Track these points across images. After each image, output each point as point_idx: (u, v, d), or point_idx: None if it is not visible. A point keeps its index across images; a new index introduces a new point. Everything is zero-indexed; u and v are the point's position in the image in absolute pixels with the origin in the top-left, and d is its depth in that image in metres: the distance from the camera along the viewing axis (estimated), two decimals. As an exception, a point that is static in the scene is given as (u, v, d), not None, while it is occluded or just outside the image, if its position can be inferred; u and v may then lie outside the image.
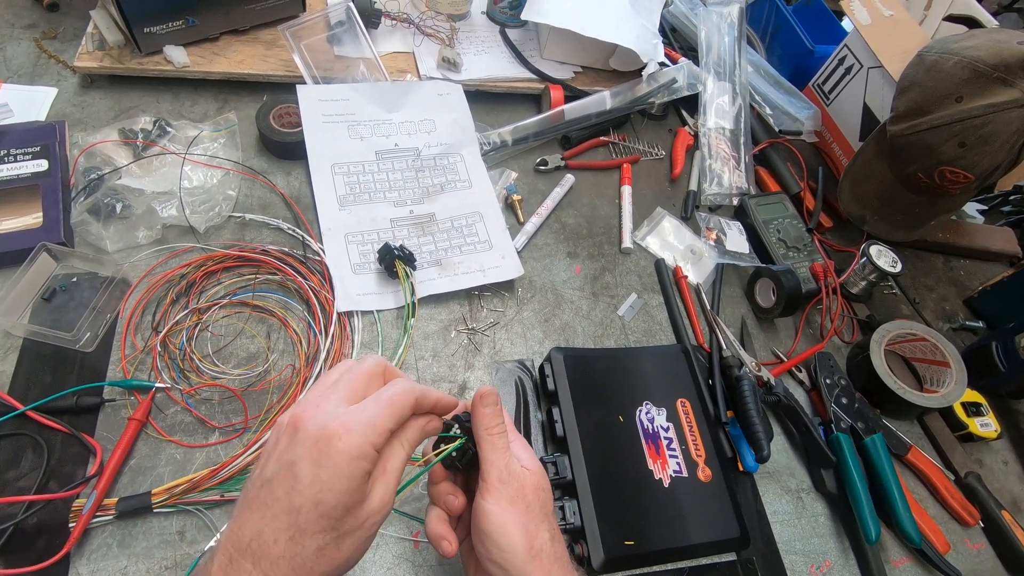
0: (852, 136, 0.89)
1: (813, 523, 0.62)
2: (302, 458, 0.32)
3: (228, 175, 0.67)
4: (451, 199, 0.73)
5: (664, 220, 0.80)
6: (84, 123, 0.70)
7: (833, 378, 0.69)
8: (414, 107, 0.78)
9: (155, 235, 0.63)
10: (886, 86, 0.80)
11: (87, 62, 0.71)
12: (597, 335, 0.69)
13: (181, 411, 0.55)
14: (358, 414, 0.34)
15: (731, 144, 0.87)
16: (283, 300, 0.62)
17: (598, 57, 0.88)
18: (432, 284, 0.66)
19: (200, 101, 0.75)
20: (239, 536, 0.32)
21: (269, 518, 0.32)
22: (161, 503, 0.49)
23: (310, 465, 0.32)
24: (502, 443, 0.40)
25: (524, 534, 0.38)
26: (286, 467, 0.32)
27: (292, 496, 0.32)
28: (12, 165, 0.61)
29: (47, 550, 0.46)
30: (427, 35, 0.84)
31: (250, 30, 0.79)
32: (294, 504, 0.32)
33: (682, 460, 0.59)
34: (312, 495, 0.32)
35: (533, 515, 0.39)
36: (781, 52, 1.02)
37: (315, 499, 0.32)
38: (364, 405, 0.35)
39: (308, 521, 0.32)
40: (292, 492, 0.32)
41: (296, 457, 0.32)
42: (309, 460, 0.32)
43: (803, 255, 0.78)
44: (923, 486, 0.68)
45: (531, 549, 0.38)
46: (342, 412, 0.34)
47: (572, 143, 0.84)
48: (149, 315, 0.59)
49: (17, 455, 0.50)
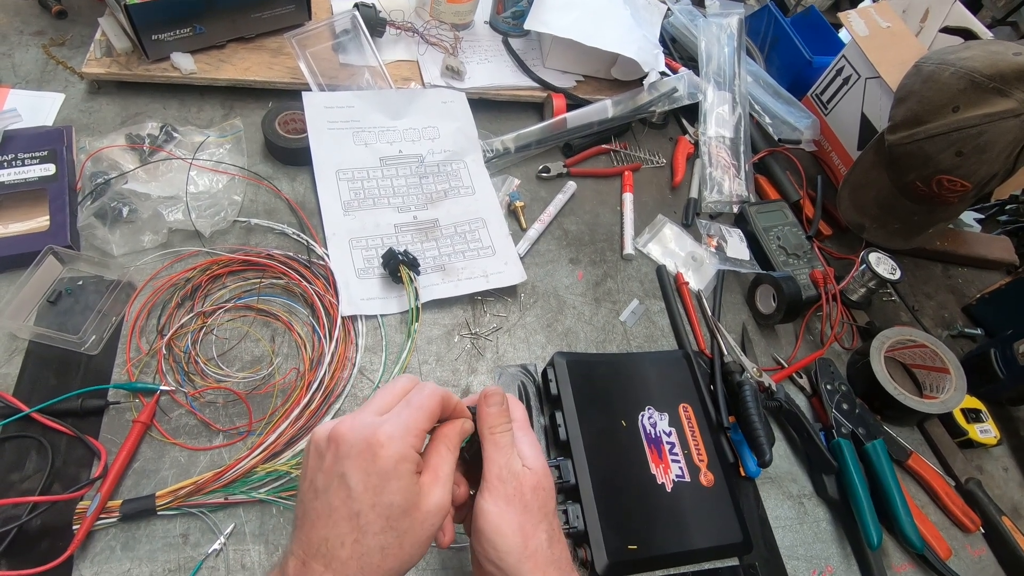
0: (850, 145, 0.90)
1: (815, 528, 0.62)
2: (351, 469, 0.34)
3: (233, 180, 0.68)
4: (454, 205, 0.74)
5: (665, 227, 0.80)
6: (91, 128, 0.70)
7: (834, 384, 0.69)
8: (418, 114, 0.78)
9: (161, 239, 0.63)
10: (884, 96, 0.82)
11: (95, 68, 0.72)
12: (599, 340, 0.69)
13: (185, 414, 0.55)
14: (394, 420, 0.36)
15: (731, 152, 0.88)
16: (288, 304, 0.63)
17: (600, 67, 0.90)
18: (435, 289, 0.66)
19: (206, 107, 0.76)
20: (308, 542, 0.35)
21: (331, 525, 0.34)
22: (165, 505, 0.49)
23: (360, 474, 0.34)
24: (505, 441, 0.41)
25: (519, 534, 0.38)
26: (338, 479, 0.35)
27: (350, 504, 0.34)
28: (20, 169, 0.62)
29: (51, 552, 0.46)
30: (431, 44, 0.85)
31: (256, 38, 0.80)
32: (353, 510, 0.34)
33: (684, 465, 0.59)
34: (368, 500, 0.34)
35: (531, 515, 0.39)
36: (780, 63, 1.03)
37: (372, 503, 0.34)
38: (397, 411, 0.37)
39: (368, 523, 0.34)
40: (348, 500, 0.34)
41: (345, 469, 0.34)
42: (358, 470, 0.34)
43: (803, 262, 0.79)
44: (924, 492, 0.68)
45: (525, 549, 0.38)
46: (378, 421, 0.36)
47: (574, 151, 0.85)
48: (154, 318, 0.59)
49: (21, 457, 0.50)
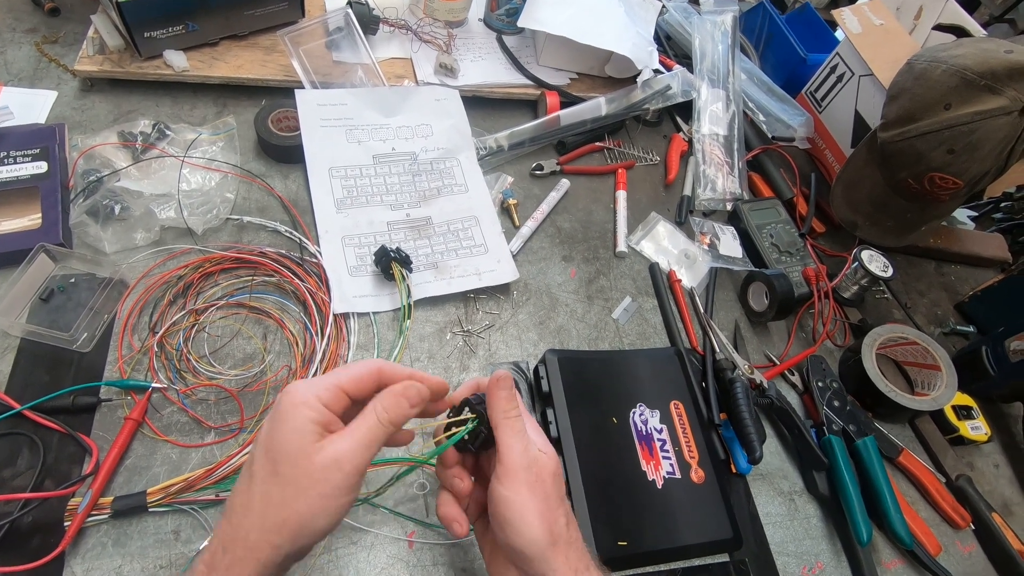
0: (844, 142, 0.90)
1: (805, 525, 0.62)
2: (264, 423, 0.36)
3: (226, 178, 0.68)
4: (447, 203, 0.74)
5: (658, 225, 0.80)
6: (84, 126, 0.70)
7: (825, 381, 0.69)
8: (411, 112, 0.78)
9: (153, 237, 0.63)
10: (877, 93, 0.82)
11: (87, 66, 0.71)
12: (592, 338, 0.69)
13: (177, 411, 0.55)
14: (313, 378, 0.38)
15: (725, 150, 0.88)
16: (280, 302, 0.63)
17: (594, 64, 0.90)
18: (428, 287, 0.67)
19: (199, 105, 0.76)
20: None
21: (239, 479, 0.36)
22: (156, 502, 0.49)
23: (265, 424, 0.36)
24: (519, 427, 0.40)
25: (543, 521, 0.38)
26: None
27: (250, 453, 0.36)
28: (12, 167, 0.62)
29: (42, 548, 0.46)
30: (425, 41, 0.85)
31: (249, 35, 0.80)
32: (250, 458, 0.36)
33: (675, 461, 0.59)
34: (262, 445, 0.35)
35: (550, 501, 0.39)
36: (774, 60, 1.03)
37: (264, 447, 0.35)
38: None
39: (257, 470, 0.34)
40: (251, 449, 0.36)
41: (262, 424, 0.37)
42: (266, 421, 0.36)
43: (796, 260, 0.79)
44: (914, 489, 0.68)
45: (551, 535, 0.38)
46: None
47: (568, 148, 0.85)
48: (146, 316, 0.59)
49: (13, 454, 0.50)
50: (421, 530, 0.53)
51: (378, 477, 0.54)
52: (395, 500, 0.54)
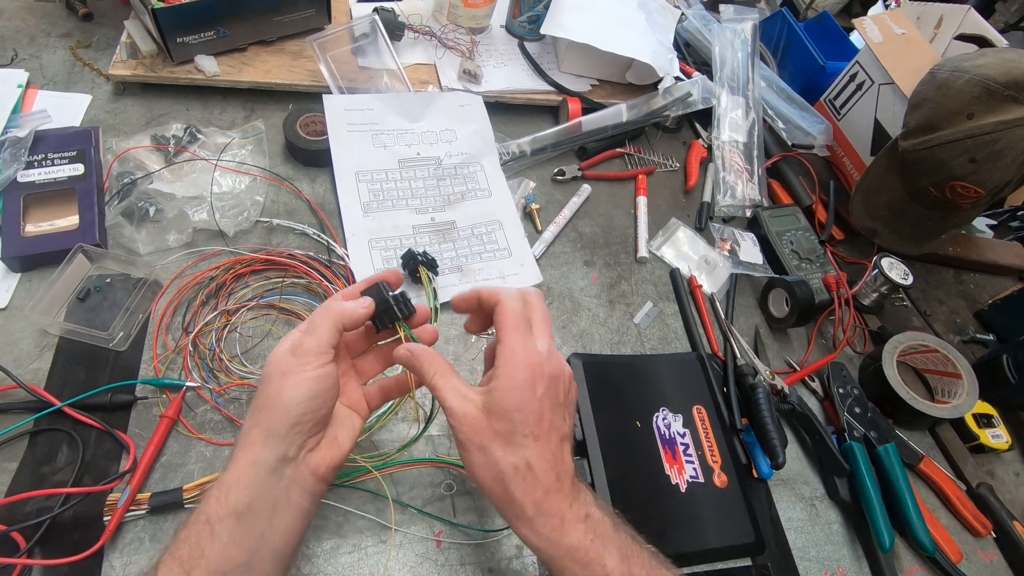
0: (863, 150, 0.90)
1: (826, 530, 0.63)
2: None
3: (255, 181, 0.69)
4: (471, 207, 0.75)
5: (679, 230, 0.81)
6: (117, 129, 0.72)
7: (846, 388, 0.70)
8: (436, 117, 0.80)
9: (186, 238, 0.64)
10: (897, 102, 0.82)
11: (120, 70, 0.73)
12: (614, 342, 0.70)
13: (210, 410, 0.56)
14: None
15: (744, 157, 0.89)
16: (309, 303, 0.64)
17: (615, 71, 0.90)
18: (453, 290, 0.68)
19: (228, 109, 0.77)
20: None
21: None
22: (192, 499, 0.50)
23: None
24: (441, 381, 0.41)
25: (490, 474, 0.38)
26: None
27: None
28: (50, 169, 0.63)
29: (82, 543, 0.47)
30: (448, 47, 0.87)
31: (277, 41, 0.81)
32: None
33: (698, 466, 0.60)
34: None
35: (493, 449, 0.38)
36: (792, 67, 1.04)
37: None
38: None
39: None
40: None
41: None
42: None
43: (815, 266, 0.79)
44: (935, 496, 0.69)
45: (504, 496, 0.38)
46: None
47: (589, 154, 0.85)
48: (180, 316, 0.60)
49: (53, 450, 0.51)
50: (449, 530, 0.54)
51: (407, 478, 0.55)
52: (423, 500, 0.55)
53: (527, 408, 0.38)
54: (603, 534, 0.38)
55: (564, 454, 0.40)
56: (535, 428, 0.38)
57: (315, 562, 0.50)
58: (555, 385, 0.39)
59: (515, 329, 0.40)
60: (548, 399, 0.39)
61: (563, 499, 0.38)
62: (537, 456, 0.38)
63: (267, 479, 0.38)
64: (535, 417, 0.38)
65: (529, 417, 0.38)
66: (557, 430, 0.39)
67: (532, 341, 0.40)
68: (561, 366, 0.41)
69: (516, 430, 0.38)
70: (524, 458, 0.38)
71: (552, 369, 0.39)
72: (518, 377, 0.38)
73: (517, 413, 0.38)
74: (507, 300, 0.41)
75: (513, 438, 0.38)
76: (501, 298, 0.41)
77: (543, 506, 0.38)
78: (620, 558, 0.38)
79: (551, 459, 0.38)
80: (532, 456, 0.38)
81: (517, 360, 0.38)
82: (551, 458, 0.38)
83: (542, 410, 0.38)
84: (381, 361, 0.49)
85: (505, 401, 0.38)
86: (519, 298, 0.41)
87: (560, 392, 0.40)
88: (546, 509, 0.38)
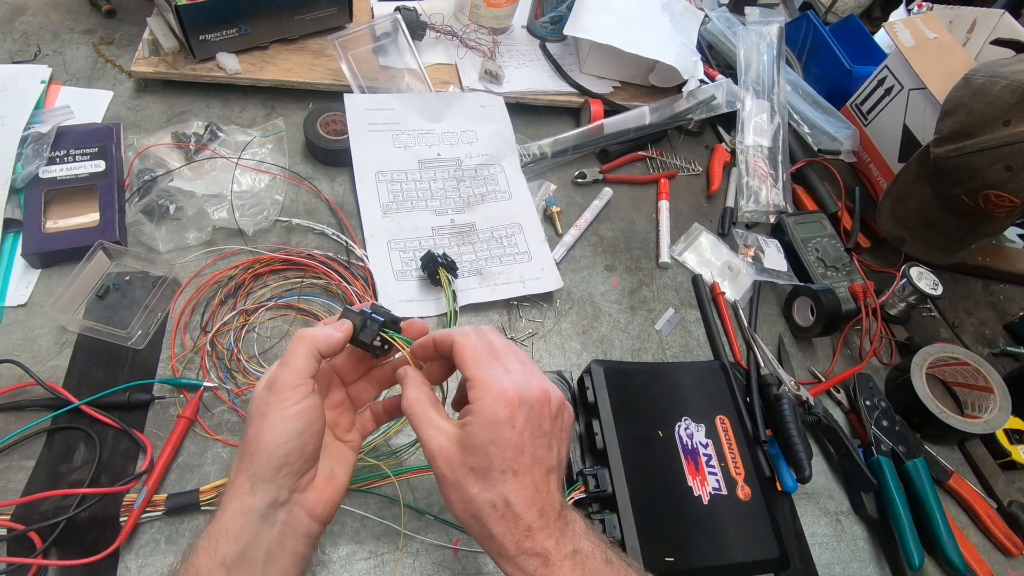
0: (891, 157, 0.88)
1: (852, 547, 0.61)
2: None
3: (275, 180, 0.69)
4: (491, 209, 0.74)
5: (701, 236, 0.80)
6: (138, 126, 0.72)
7: (873, 400, 0.68)
8: (456, 118, 0.79)
9: (205, 237, 0.64)
10: (928, 108, 0.80)
11: (142, 67, 0.73)
12: (635, 349, 0.69)
13: (228, 410, 0.55)
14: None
15: (769, 162, 0.87)
16: (327, 304, 0.63)
17: (637, 73, 0.89)
18: (472, 293, 0.67)
19: (249, 107, 0.77)
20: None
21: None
22: (208, 501, 0.49)
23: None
24: (422, 419, 0.38)
25: (465, 507, 0.36)
26: None
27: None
28: (72, 165, 0.63)
29: (98, 543, 0.46)
30: (470, 48, 0.86)
31: (299, 39, 0.81)
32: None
33: (721, 477, 0.58)
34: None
35: (465, 485, 0.36)
36: (818, 71, 1.02)
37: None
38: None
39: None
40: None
41: None
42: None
43: (841, 275, 0.78)
44: (964, 514, 0.67)
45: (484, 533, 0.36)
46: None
47: (610, 157, 0.84)
48: (198, 315, 0.60)
49: (70, 448, 0.51)
50: (466, 538, 0.53)
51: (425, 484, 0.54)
52: (440, 507, 0.54)
53: (504, 442, 0.35)
54: (592, 570, 0.36)
55: (550, 487, 0.37)
56: (514, 463, 0.35)
57: (331, 568, 0.49)
58: (537, 413, 0.36)
59: (478, 361, 0.37)
60: (529, 431, 0.36)
61: (548, 536, 0.35)
62: (517, 492, 0.35)
63: (258, 527, 0.36)
64: (513, 451, 0.35)
65: (507, 451, 0.35)
66: (541, 462, 0.36)
67: (500, 370, 0.37)
68: (543, 391, 0.37)
69: (493, 465, 0.35)
70: (501, 495, 0.35)
71: (532, 396, 0.36)
72: (491, 411, 0.35)
73: (493, 448, 0.35)
74: (461, 337, 0.38)
75: (490, 474, 0.35)
76: (455, 337, 0.39)
77: (524, 545, 0.35)
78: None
79: (533, 494, 0.36)
80: (511, 492, 0.35)
81: (491, 391, 0.36)
82: (533, 493, 0.36)
83: (522, 443, 0.35)
84: (374, 386, 0.46)
85: (479, 436, 0.35)
86: (472, 332, 0.39)
87: (545, 420, 0.37)
88: (528, 548, 0.35)
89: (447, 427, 0.38)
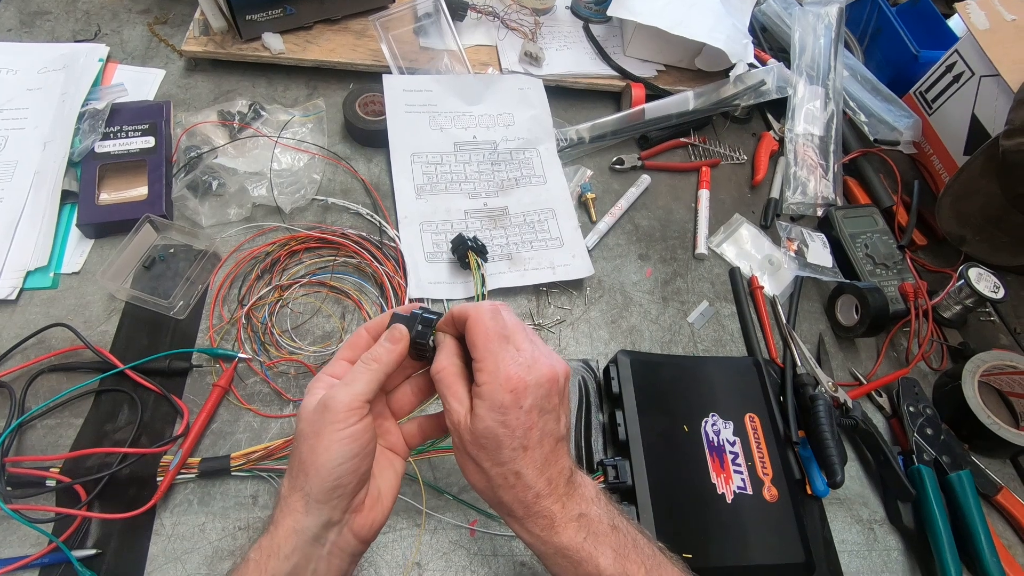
0: (956, 149, 0.82)
1: (885, 557, 0.59)
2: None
3: (314, 159, 0.70)
4: (525, 194, 0.73)
5: (742, 227, 0.77)
6: (187, 104, 0.74)
7: (917, 406, 0.65)
8: (494, 101, 0.78)
9: (245, 213, 0.66)
10: (1001, 96, 0.74)
11: (193, 47, 0.75)
12: (665, 341, 0.67)
13: (260, 382, 0.57)
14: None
15: (819, 152, 0.83)
16: (359, 283, 0.64)
17: (683, 56, 0.86)
18: (502, 278, 0.66)
19: (292, 87, 0.79)
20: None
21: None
22: (239, 467, 0.52)
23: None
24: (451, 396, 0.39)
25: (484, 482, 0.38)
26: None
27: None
28: (125, 140, 0.66)
29: (137, 500, 0.49)
30: (511, 29, 0.85)
31: (342, 20, 0.81)
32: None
33: (747, 477, 0.57)
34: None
35: (485, 463, 0.37)
36: (880, 56, 0.96)
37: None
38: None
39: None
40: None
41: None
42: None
43: (892, 273, 0.73)
44: (1012, 531, 0.63)
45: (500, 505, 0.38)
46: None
47: (650, 143, 0.82)
48: (236, 289, 0.62)
49: (115, 409, 0.54)
50: (483, 519, 0.53)
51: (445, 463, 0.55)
52: (460, 487, 0.55)
53: (512, 423, 0.36)
54: (597, 533, 0.38)
55: (559, 456, 0.38)
56: (524, 440, 0.37)
57: (351, 539, 0.51)
58: (544, 392, 0.38)
59: (488, 343, 0.38)
60: (537, 410, 0.37)
61: (554, 500, 0.38)
62: (527, 466, 0.37)
63: (309, 547, 0.37)
64: (523, 430, 0.37)
65: (516, 431, 0.36)
66: (551, 434, 0.38)
67: (510, 353, 0.38)
68: (550, 369, 0.38)
69: (503, 444, 0.37)
70: (513, 469, 0.37)
71: (537, 377, 0.37)
72: (497, 396, 0.36)
73: (503, 429, 0.36)
74: (475, 313, 0.39)
75: (501, 452, 0.37)
76: (470, 314, 0.39)
77: (533, 508, 0.37)
78: (615, 557, 0.37)
79: (542, 465, 0.37)
80: (522, 467, 0.37)
81: (497, 377, 0.37)
82: (542, 464, 0.37)
83: (531, 422, 0.37)
84: (418, 393, 0.45)
85: (487, 419, 0.36)
86: (489, 311, 0.39)
87: (553, 397, 0.38)
88: (536, 511, 0.37)
89: (469, 403, 0.39)
